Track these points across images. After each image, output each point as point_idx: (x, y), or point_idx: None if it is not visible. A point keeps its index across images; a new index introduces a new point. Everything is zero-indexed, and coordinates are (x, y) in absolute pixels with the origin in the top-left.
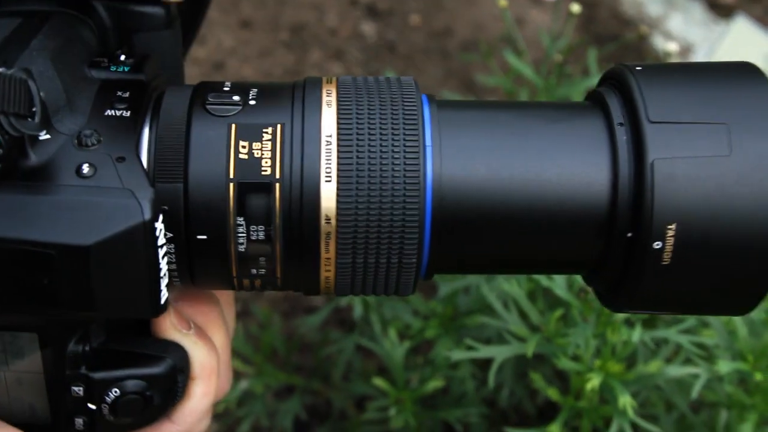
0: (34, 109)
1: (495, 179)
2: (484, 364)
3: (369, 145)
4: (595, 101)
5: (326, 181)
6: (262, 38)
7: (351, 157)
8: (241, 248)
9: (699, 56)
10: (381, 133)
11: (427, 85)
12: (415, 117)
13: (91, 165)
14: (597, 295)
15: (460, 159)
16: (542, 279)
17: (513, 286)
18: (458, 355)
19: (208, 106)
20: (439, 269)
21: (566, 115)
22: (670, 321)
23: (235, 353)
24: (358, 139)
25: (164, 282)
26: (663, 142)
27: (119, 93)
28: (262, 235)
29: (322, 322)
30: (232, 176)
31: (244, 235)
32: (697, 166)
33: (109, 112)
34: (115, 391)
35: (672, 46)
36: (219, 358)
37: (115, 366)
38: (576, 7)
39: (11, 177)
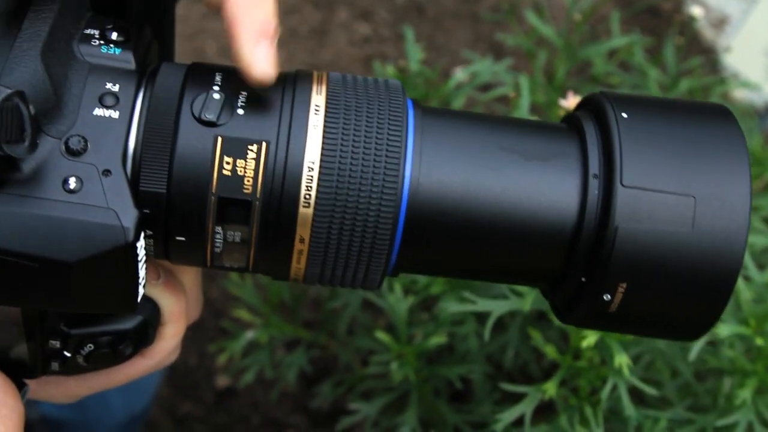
0: (25, 133)
1: (470, 191)
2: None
3: (350, 168)
4: (573, 128)
5: (304, 206)
6: None
7: (331, 184)
8: (217, 249)
9: (733, 28)
10: (365, 147)
11: (455, 49)
12: (399, 125)
13: (77, 179)
14: (556, 311)
15: (439, 167)
16: None
17: None
18: (456, 307)
19: (196, 113)
20: (406, 268)
21: (543, 134)
22: None
23: (243, 303)
24: (340, 164)
25: (141, 286)
26: (631, 209)
27: (108, 85)
28: (238, 239)
29: None
30: (214, 190)
31: (221, 239)
32: (658, 237)
33: (97, 111)
34: (90, 346)
35: (697, 11)
36: (187, 299)
37: (90, 322)
38: None
39: (1, 187)
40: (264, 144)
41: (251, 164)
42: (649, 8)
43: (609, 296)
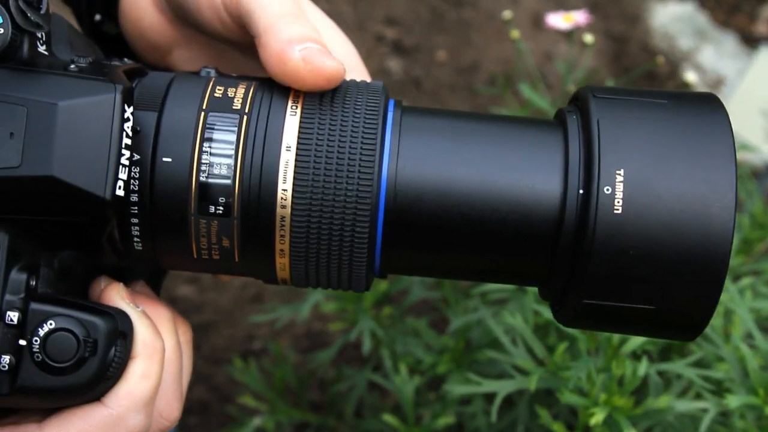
0: (41, 6)
1: (449, 183)
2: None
3: (326, 166)
4: (558, 122)
5: (281, 207)
6: None
7: (307, 180)
8: (203, 177)
9: (729, 88)
10: (339, 144)
11: None
12: (374, 123)
13: (79, 67)
14: (552, 310)
15: (417, 164)
16: (544, 311)
17: (518, 319)
18: (460, 389)
19: (194, 72)
20: (392, 268)
21: (526, 128)
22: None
23: (248, 390)
24: (315, 161)
25: (122, 173)
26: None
27: (114, 61)
28: (224, 169)
29: (335, 356)
30: (204, 107)
31: (207, 163)
32: (642, 123)
33: (105, 62)
34: (50, 323)
35: (692, 77)
36: (164, 349)
37: (55, 302)
38: (589, 38)
39: (6, 60)
40: (254, 82)
41: (241, 90)
42: (646, 73)
43: (609, 188)
